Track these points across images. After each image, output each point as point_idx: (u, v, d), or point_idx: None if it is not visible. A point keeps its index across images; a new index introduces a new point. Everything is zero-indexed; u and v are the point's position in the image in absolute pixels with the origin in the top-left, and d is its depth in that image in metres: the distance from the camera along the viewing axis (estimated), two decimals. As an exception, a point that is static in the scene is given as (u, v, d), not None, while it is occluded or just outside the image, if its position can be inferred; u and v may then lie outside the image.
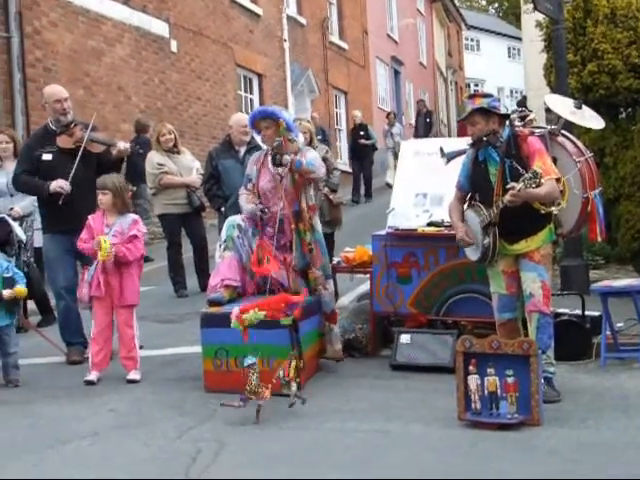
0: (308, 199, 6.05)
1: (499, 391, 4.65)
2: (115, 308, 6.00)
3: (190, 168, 9.48)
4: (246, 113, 14.16)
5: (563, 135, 5.80)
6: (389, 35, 29.42)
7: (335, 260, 6.98)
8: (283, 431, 4.69)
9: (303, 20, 21.25)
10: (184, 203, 9.33)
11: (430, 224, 6.37)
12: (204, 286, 8.46)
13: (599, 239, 5.85)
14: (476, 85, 45.92)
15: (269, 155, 6.05)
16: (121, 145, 6.66)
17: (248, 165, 6.32)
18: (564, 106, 6.06)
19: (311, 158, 6.00)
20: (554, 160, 5.41)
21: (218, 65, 16.53)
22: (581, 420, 4.71)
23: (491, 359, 4.69)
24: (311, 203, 6.10)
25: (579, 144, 5.89)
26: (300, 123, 7.42)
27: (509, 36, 47.99)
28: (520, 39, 29.74)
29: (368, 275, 6.69)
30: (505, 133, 5.27)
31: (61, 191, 6.43)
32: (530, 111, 5.89)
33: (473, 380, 4.68)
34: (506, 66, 46.78)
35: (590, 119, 6.14)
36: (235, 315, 5.29)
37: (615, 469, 3.93)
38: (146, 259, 8.29)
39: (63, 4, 12.05)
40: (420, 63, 34.44)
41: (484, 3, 60.93)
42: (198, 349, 5.84)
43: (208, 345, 5.60)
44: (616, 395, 5.23)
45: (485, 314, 5.82)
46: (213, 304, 5.76)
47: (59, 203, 6.41)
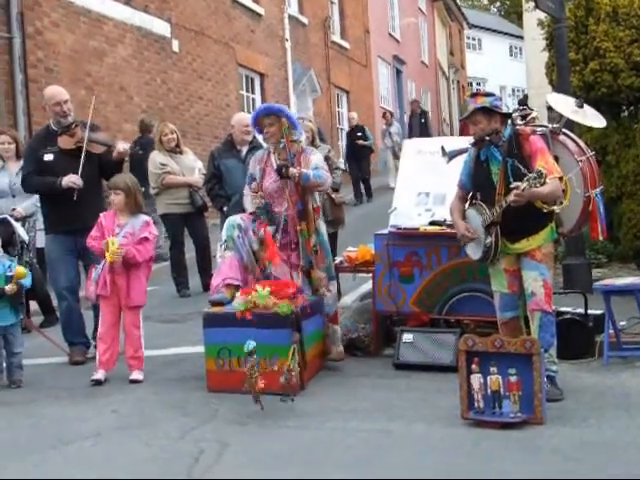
0: (313, 201, 6.05)
1: (502, 390, 4.64)
2: (122, 308, 6.02)
3: (192, 168, 9.50)
4: (248, 113, 14.19)
5: (564, 134, 5.80)
6: (391, 34, 29.42)
7: (338, 259, 6.97)
8: (285, 430, 4.69)
9: (305, 19, 21.26)
10: (186, 203, 9.35)
11: (432, 223, 6.36)
12: (206, 286, 8.48)
13: (600, 238, 5.85)
14: (478, 84, 45.86)
15: (273, 154, 6.04)
16: (120, 146, 6.64)
17: (250, 164, 6.29)
18: (566, 105, 6.05)
19: (317, 166, 5.98)
20: (556, 159, 5.41)
21: (220, 65, 16.53)
22: (583, 419, 4.71)
23: (494, 358, 4.68)
24: (316, 205, 6.10)
25: (580, 143, 5.88)
26: (302, 122, 7.42)
27: (511, 35, 47.96)
28: (522, 38, 29.70)
29: (370, 274, 6.69)
30: (507, 132, 5.26)
31: (74, 186, 6.41)
32: (531, 109, 5.88)
33: (476, 379, 4.68)
34: (508, 65, 46.76)
35: (592, 118, 6.13)
36: (240, 296, 5.37)
37: (617, 469, 3.92)
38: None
39: (65, 4, 12.05)
40: (422, 62, 34.43)
41: (486, 2, 60.86)
42: (200, 349, 5.84)
43: (211, 345, 5.60)
44: (618, 394, 5.22)
45: (488, 313, 5.81)
46: (216, 304, 5.78)
47: (74, 199, 6.37)
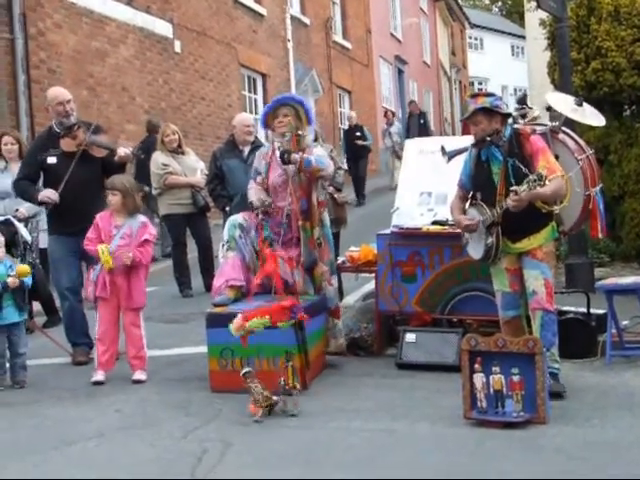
0: (319, 195, 6.05)
1: (505, 389, 4.64)
2: (122, 309, 6.03)
3: (194, 168, 9.49)
4: (250, 113, 14.19)
5: (564, 132, 5.80)
6: (392, 34, 29.41)
7: (340, 259, 6.98)
8: (288, 430, 4.69)
9: (306, 20, 21.26)
10: (189, 203, 9.34)
11: (435, 223, 6.37)
12: (209, 286, 8.46)
13: (600, 236, 5.85)
14: (480, 83, 45.86)
15: (278, 150, 6.05)
16: (121, 151, 6.58)
17: (256, 159, 6.33)
18: (565, 104, 6.05)
19: (319, 155, 6.00)
20: (556, 157, 5.40)
21: (222, 65, 16.53)
22: (586, 418, 4.71)
23: (496, 357, 4.69)
24: (321, 199, 6.11)
25: (580, 141, 5.88)
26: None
27: (512, 34, 47.91)
28: (523, 37, 29.63)
29: (373, 274, 6.69)
30: (507, 132, 5.26)
31: (49, 200, 6.49)
32: (530, 108, 5.88)
33: (479, 378, 4.68)
34: (510, 64, 46.71)
35: (591, 116, 6.13)
36: (238, 323, 5.28)
37: (620, 468, 3.92)
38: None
39: (67, 5, 12.06)
40: (424, 62, 34.42)
41: (487, 2, 60.81)
42: (203, 349, 5.84)
43: (213, 345, 5.60)
44: (621, 393, 5.22)
45: (490, 312, 5.80)
46: (219, 306, 5.78)
47: (47, 209, 6.61)
